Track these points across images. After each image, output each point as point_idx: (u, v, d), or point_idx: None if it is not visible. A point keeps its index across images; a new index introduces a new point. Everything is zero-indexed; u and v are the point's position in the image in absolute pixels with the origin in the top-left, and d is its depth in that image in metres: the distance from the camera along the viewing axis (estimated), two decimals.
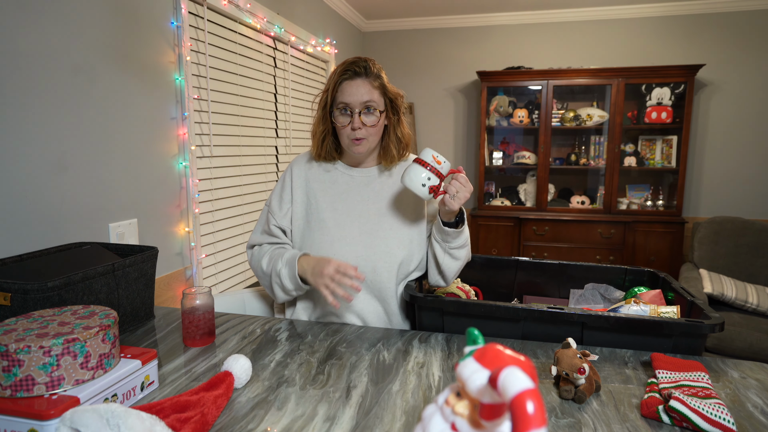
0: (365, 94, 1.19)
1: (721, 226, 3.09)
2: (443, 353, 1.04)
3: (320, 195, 1.30)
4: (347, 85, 1.19)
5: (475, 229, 3.77)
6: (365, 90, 1.19)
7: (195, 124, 1.93)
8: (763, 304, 2.64)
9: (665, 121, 3.52)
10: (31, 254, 1.16)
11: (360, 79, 1.19)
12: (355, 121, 1.19)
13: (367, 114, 1.20)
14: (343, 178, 1.31)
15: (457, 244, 1.23)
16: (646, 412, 0.80)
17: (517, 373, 0.40)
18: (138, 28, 1.61)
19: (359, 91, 1.19)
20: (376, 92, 1.21)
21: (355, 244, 1.25)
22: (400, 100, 1.27)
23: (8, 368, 0.71)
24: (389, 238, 1.25)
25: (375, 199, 1.29)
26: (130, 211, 1.60)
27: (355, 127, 1.20)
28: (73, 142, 1.37)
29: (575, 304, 1.46)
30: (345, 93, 1.19)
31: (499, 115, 3.84)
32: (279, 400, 0.84)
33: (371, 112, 1.20)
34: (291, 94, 2.79)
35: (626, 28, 3.73)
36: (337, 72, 1.22)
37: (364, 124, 1.20)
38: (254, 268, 1.32)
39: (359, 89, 1.19)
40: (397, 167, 1.33)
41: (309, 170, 1.34)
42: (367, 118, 1.20)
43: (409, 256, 1.27)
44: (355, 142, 1.22)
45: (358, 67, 1.19)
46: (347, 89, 1.19)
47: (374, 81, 1.20)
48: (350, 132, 1.21)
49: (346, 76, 1.20)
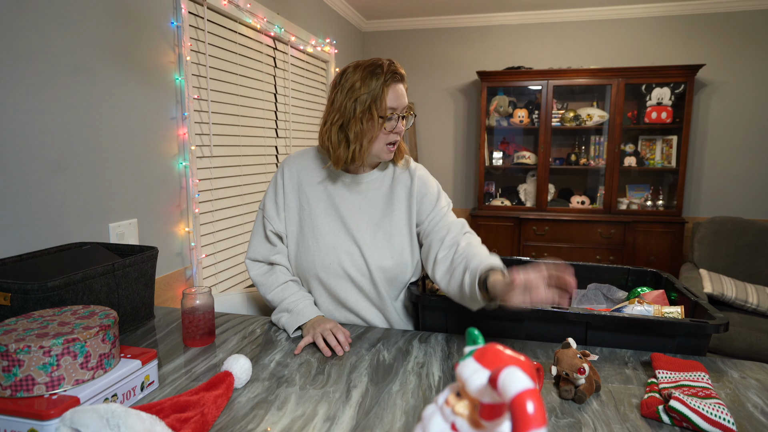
0: (406, 98, 1.20)
1: (721, 226, 3.09)
2: (443, 353, 1.04)
3: (313, 200, 1.26)
4: (393, 89, 1.16)
5: (476, 229, 3.77)
6: (405, 95, 1.19)
7: (195, 124, 1.93)
8: (763, 304, 2.64)
9: (665, 121, 3.52)
10: (31, 254, 1.16)
11: (402, 84, 1.19)
12: (399, 126, 1.18)
13: (407, 119, 1.21)
14: (335, 183, 1.27)
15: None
16: (646, 412, 0.80)
17: (517, 373, 0.40)
18: (138, 28, 1.61)
19: (403, 95, 1.18)
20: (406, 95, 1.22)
21: (350, 253, 1.22)
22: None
23: (8, 368, 0.71)
24: (382, 248, 1.22)
25: (368, 207, 1.25)
26: (130, 211, 1.60)
27: (399, 131, 1.19)
28: (73, 142, 1.37)
29: (578, 304, 1.46)
30: (391, 97, 1.15)
31: (499, 115, 3.84)
32: (279, 400, 0.84)
33: (408, 116, 1.20)
34: (291, 94, 2.79)
35: (626, 28, 3.73)
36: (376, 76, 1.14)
37: (404, 129, 1.20)
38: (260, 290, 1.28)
39: (403, 93, 1.18)
40: (389, 171, 1.30)
41: (300, 173, 1.28)
42: (407, 122, 1.20)
43: (403, 265, 1.24)
44: (389, 148, 1.20)
45: (398, 71, 1.17)
46: (392, 93, 1.16)
47: (405, 84, 1.21)
48: (390, 137, 1.19)
49: (394, 80, 1.16)
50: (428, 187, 1.28)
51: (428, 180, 1.31)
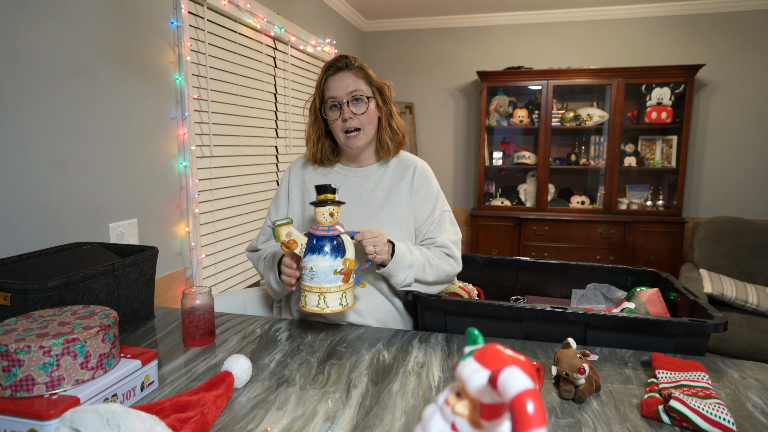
0: (350, 84, 1.21)
1: (721, 226, 3.09)
2: (443, 353, 1.04)
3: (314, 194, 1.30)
4: (332, 80, 1.23)
5: (476, 229, 3.77)
6: (350, 80, 1.22)
7: (195, 124, 1.93)
8: (763, 304, 2.64)
9: (665, 121, 3.52)
10: (31, 254, 1.16)
11: (343, 72, 1.22)
12: (345, 111, 1.21)
13: (356, 104, 1.22)
14: (339, 178, 1.33)
15: (402, 279, 1.17)
16: (646, 412, 0.80)
17: (517, 373, 0.40)
18: (138, 28, 1.61)
19: (344, 82, 1.21)
20: (361, 81, 1.23)
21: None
22: (388, 89, 1.29)
23: (8, 368, 0.71)
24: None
25: (368, 199, 1.29)
26: (130, 211, 1.60)
27: (345, 117, 1.21)
28: (73, 142, 1.37)
29: (577, 304, 1.46)
30: (331, 88, 1.22)
31: (499, 115, 3.84)
32: (279, 400, 0.84)
33: (359, 101, 1.22)
34: (291, 94, 2.79)
35: (626, 28, 3.73)
36: (321, 72, 1.25)
37: (354, 114, 1.21)
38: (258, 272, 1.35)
39: (344, 81, 1.21)
40: (392, 164, 1.33)
41: (305, 172, 1.36)
42: (356, 107, 1.22)
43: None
44: (349, 137, 1.24)
45: (339, 62, 1.22)
46: (332, 84, 1.22)
47: (357, 72, 1.23)
48: (342, 125, 1.23)
49: (330, 72, 1.23)
50: (428, 189, 1.31)
51: (428, 181, 1.32)
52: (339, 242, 1.05)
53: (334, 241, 1.04)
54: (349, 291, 1.07)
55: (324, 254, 1.03)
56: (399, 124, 1.31)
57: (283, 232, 1.04)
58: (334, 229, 1.05)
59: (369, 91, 1.24)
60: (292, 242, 1.05)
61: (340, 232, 1.06)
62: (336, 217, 1.05)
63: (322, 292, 1.03)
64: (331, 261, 1.03)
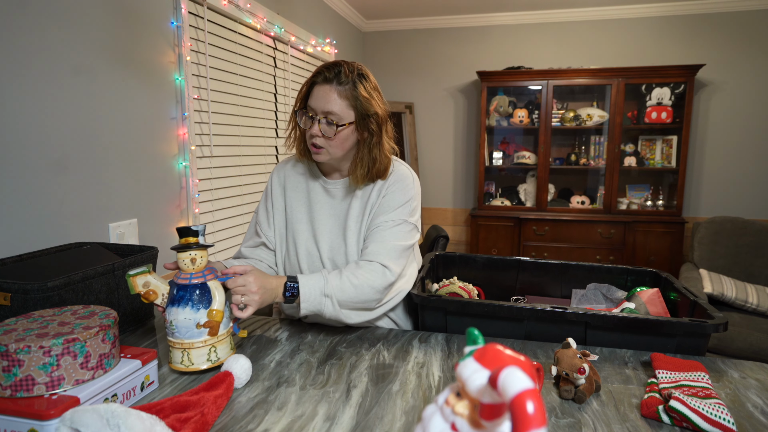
0: (328, 103, 1.10)
1: (721, 226, 3.09)
2: (443, 353, 1.04)
3: (296, 204, 1.26)
4: (316, 89, 1.12)
5: (475, 229, 3.77)
6: (332, 98, 1.10)
7: (195, 124, 1.93)
8: (763, 304, 2.64)
9: (665, 121, 3.52)
10: (31, 254, 1.16)
11: (329, 86, 1.10)
12: (313, 128, 1.12)
13: (327, 125, 1.11)
14: (317, 188, 1.26)
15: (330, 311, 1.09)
16: (646, 412, 0.80)
17: (517, 373, 0.40)
18: (138, 28, 1.61)
19: (325, 98, 1.10)
20: (342, 103, 1.10)
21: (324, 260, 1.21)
22: (377, 118, 1.13)
23: (8, 368, 0.71)
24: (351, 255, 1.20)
25: (340, 215, 1.23)
26: (130, 211, 1.60)
27: (312, 134, 1.13)
28: (73, 142, 1.37)
29: (577, 304, 1.46)
30: (313, 96, 1.12)
31: (499, 115, 3.84)
32: (279, 400, 0.84)
33: (330, 124, 1.11)
34: (291, 94, 2.79)
35: (626, 28, 3.73)
36: (313, 73, 1.15)
37: (322, 134, 1.12)
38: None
39: (325, 96, 1.10)
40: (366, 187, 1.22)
41: (287, 178, 1.29)
42: (325, 128, 1.11)
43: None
44: (313, 149, 1.16)
45: (329, 72, 1.11)
46: (315, 93, 1.12)
47: (346, 91, 1.10)
48: (309, 137, 1.15)
49: (318, 80, 1.12)
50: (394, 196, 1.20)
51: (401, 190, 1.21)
52: (203, 291, 0.93)
53: (197, 290, 0.93)
54: (221, 344, 0.95)
55: (183, 306, 0.91)
56: (382, 156, 1.17)
57: (139, 282, 0.92)
58: (198, 276, 0.94)
59: (349, 116, 1.11)
60: (151, 293, 0.93)
61: (205, 279, 0.94)
62: (199, 263, 0.94)
63: (185, 348, 0.92)
64: (192, 314, 0.91)
